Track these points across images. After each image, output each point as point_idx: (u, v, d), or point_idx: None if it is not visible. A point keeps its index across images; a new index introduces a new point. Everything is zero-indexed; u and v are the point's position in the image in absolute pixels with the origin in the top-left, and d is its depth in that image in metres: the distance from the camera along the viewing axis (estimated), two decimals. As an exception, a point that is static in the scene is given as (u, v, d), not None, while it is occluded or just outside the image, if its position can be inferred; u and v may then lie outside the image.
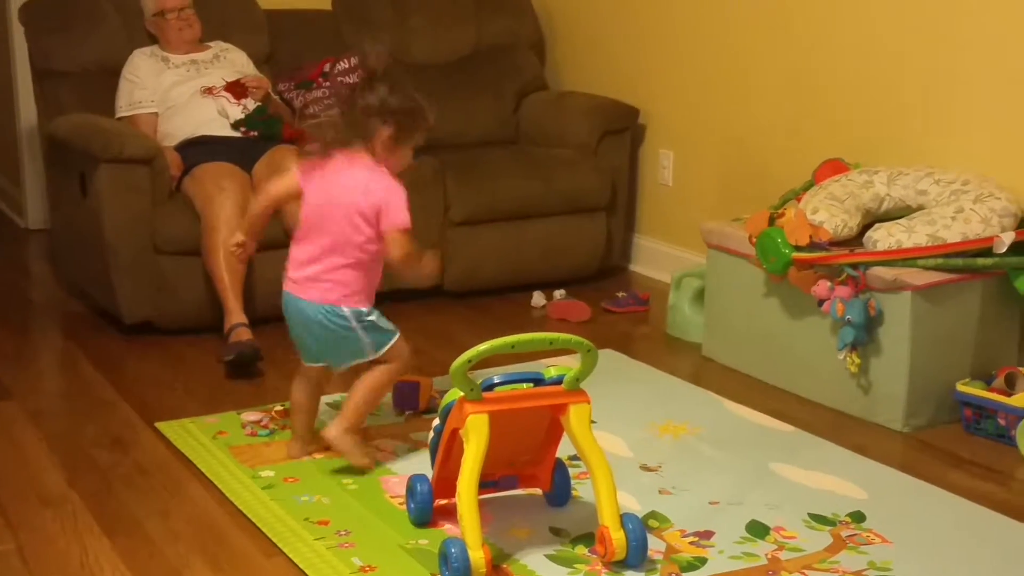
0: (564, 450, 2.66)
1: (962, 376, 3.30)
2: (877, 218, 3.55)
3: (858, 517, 2.74)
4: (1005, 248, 3.17)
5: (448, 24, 5.08)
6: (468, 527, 2.38)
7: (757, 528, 2.68)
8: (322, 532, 2.64)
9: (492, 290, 4.49)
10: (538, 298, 4.42)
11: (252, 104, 4.31)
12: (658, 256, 4.80)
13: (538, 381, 2.52)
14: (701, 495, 2.84)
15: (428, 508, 2.65)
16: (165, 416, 3.31)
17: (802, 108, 4.12)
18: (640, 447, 3.12)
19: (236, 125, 4.25)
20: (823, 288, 3.31)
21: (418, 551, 2.55)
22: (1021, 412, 3.14)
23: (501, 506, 2.73)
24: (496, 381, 2.48)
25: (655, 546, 2.55)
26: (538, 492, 2.78)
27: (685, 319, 4.03)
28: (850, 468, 3.01)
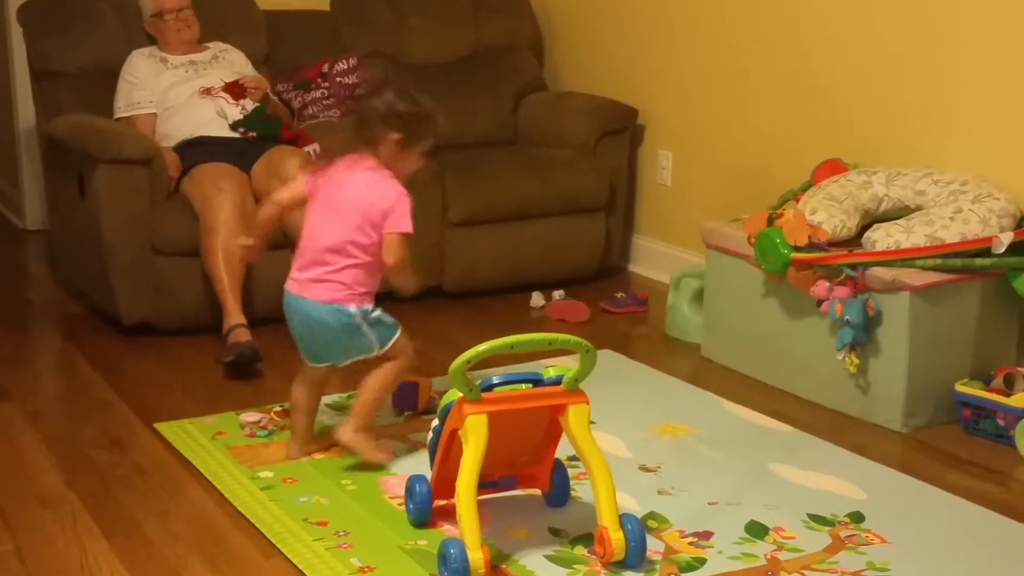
0: (563, 450, 2.66)
1: (961, 376, 3.30)
2: (876, 218, 3.55)
3: (857, 517, 2.74)
4: (1004, 248, 3.17)
5: (447, 25, 5.08)
6: (467, 528, 2.38)
7: (756, 528, 2.68)
8: (321, 533, 2.64)
9: (491, 291, 4.49)
10: (537, 299, 4.42)
11: (251, 105, 4.30)
12: (657, 256, 4.80)
13: (537, 382, 2.52)
14: (700, 496, 2.84)
15: (427, 509, 2.65)
16: (164, 417, 3.31)
17: (801, 108, 4.12)
18: (639, 448, 3.12)
19: (235, 126, 4.24)
20: (822, 288, 3.31)
21: (417, 552, 2.55)
22: (1020, 412, 3.14)
23: (500, 507, 2.73)
24: (495, 382, 2.48)
25: (654, 547, 2.55)
26: (537, 493, 2.78)
27: (684, 319, 4.03)
28: (849, 468, 3.01)
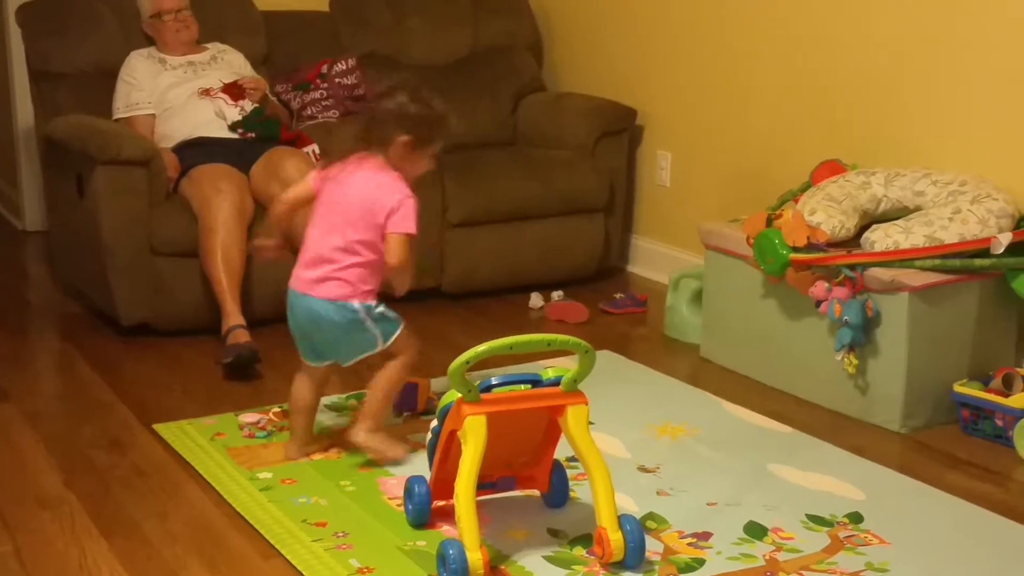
0: (562, 451, 2.66)
1: (959, 377, 3.30)
2: (874, 219, 3.55)
3: (856, 518, 2.74)
4: (1002, 249, 3.17)
5: (445, 25, 5.08)
6: (466, 528, 2.38)
7: (755, 529, 2.68)
8: (320, 534, 2.64)
9: (490, 291, 4.48)
10: (536, 299, 4.42)
11: (249, 105, 4.30)
12: (656, 257, 4.80)
13: (536, 382, 2.52)
14: (699, 496, 2.84)
15: (426, 509, 2.65)
16: (163, 418, 3.31)
17: (800, 109, 4.12)
18: (638, 448, 3.12)
19: (233, 127, 4.24)
20: (821, 289, 3.31)
21: (416, 552, 2.55)
22: (1018, 413, 3.14)
23: (499, 507, 2.73)
24: (494, 382, 2.49)
25: (653, 547, 2.55)
26: (536, 493, 2.78)
27: (683, 320, 4.03)
28: (848, 469, 3.01)
